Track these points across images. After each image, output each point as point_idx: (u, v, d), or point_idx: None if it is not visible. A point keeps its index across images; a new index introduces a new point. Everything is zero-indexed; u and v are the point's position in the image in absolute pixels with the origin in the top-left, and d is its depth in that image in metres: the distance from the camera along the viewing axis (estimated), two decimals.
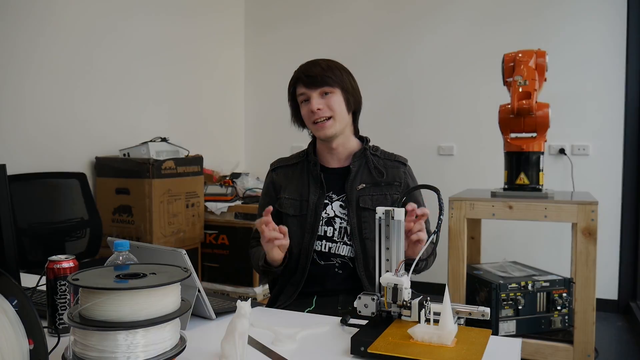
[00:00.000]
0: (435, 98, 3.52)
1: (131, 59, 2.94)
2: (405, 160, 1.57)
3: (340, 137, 1.50)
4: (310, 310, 1.42)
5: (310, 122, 1.48)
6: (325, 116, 1.45)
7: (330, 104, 1.45)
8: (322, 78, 1.44)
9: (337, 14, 3.77)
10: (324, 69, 1.45)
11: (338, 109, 1.46)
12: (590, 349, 2.12)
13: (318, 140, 1.55)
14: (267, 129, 4.00)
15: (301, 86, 1.47)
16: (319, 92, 1.45)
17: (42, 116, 2.44)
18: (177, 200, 2.72)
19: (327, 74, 1.45)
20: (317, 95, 1.45)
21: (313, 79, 1.44)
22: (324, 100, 1.45)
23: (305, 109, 1.48)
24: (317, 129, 1.47)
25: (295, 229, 1.48)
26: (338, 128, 1.47)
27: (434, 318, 0.96)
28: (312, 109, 1.44)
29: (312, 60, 1.51)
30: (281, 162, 1.61)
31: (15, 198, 2.13)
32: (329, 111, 1.45)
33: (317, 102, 1.44)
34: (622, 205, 3.13)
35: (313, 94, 1.45)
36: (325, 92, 1.46)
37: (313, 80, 1.44)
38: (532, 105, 2.15)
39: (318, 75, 1.44)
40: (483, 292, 2.34)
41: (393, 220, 1.07)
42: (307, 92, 1.46)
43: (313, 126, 1.48)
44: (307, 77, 1.45)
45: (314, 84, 1.45)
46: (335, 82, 1.46)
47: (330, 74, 1.45)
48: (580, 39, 3.17)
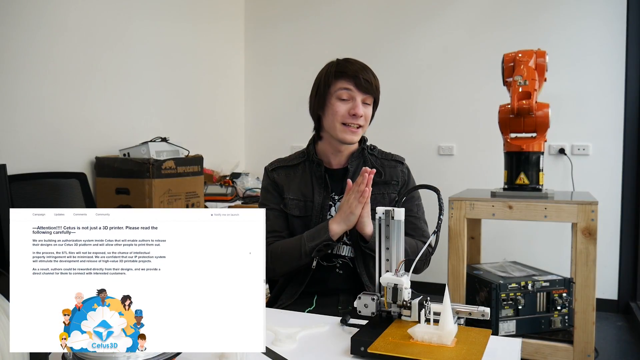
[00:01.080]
0: (435, 98, 3.52)
1: (131, 59, 2.94)
2: (403, 159, 1.58)
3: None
4: (310, 309, 1.42)
5: (341, 121, 1.46)
6: (360, 124, 1.46)
7: (367, 115, 1.48)
8: (374, 88, 1.46)
9: (337, 14, 3.77)
10: (374, 79, 1.48)
11: (368, 121, 1.50)
12: (590, 349, 2.12)
13: (324, 140, 1.53)
14: (267, 129, 4.00)
15: (349, 83, 1.44)
16: (364, 99, 1.46)
17: (42, 116, 2.44)
18: (177, 200, 2.72)
19: (377, 85, 1.48)
20: (361, 100, 1.46)
21: (369, 84, 1.45)
22: (364, 108, 1.47)
23: (344, 107, 1.45)
24: (346, 131, 1.46)
25: (300, 230, 1.48)
26: (360, 137, 1.51)
27: (434, 318, 0.96)
28: (356, 112, 1.44)
29: (356, 60, 1.50)
30: (280, 162, 1.59)
31: (15, 198, 2.13)
32: (363, 120, 1.47)
33: (362, 109, 1.45)
34: (622, 205, 3.13)
35: (359, 98, 1.45)
36: (366, 101, 1.47)
37: (368, 86, 1.45)
38: (532, 105, 2.15)
39: (373, 83, 1.46)
40: (483, 292, 2.34)
41: (393, 220, 1.07)
42: (355, 94, 1.45)
43: (341, 127, 1.46)
44: (364, 80, 1.44)
45: (367, 89, 1.45)
46: (376, 96, 1.49)
47: (377, 86, 1.48)
48: (580, 39, 3.17)
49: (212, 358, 0.91)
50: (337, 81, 1.45)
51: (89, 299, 0.75)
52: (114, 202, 2.61)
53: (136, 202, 2.57)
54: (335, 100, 1.46)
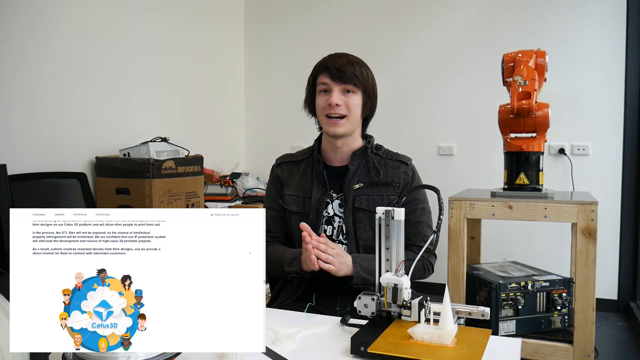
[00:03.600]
0: (435, 98, 3.52)
1: (131, 59, 2.94)
2: (408, 160, 1.54)
3: (348, 137, 1.49)
4: (310, 305, 1.42)
5: (324, 114, 1.45)
6: (340, 113, 1.43)
7: (349, 103, 1.43)
8: (350, 75, 1.42)
9: (337, 14, 3.77)
10: (354, 66, 1.43)
11: (354, 110, 1.45)
12: (590, 349, 2.12)
13: (324, 136, 1.54)
14: (267, 129, 4.00)
15: (325, 76, 1.44)
16: (342, 88, 1.43)
17: (42, 116, 2.44)
18: (177, 200, 2.72)
19: (356, 73, 1.42)
20: (339, 90, 1.43)
21: (341, 73, 1.41)
22: (345, 97, 1.43)
23: (323, 100, 1.45)
24: (329, 124, 1.45)
25: (297, 225, 1.49)
26: (348, 128, 1.46)
27: (434, 318, 0.96)
28: (331, 102, 1.42)
29: (343, 53, 1.48)
30: (287, 157, 1.61)
31: (15, 198, 2.13)
32: (345, 109, 1.43)
33: (338, 98, 1.42)
34: (622, 205, 3.13)
35: (336, 88, 1.43)
36: (348, 90, 1.44)
37: (341, 74, 1.41)
38: (532, 105, 2.15)
39: (348, 71, 1.41)
40: (483, 292, 2.34)
41: (393, 220, 1.07)
42: (330, 84, 1.43)
43: (325, 119, 1.46)
44: (335, 69, 1.41)
45: (340, 78, 1.42)
46: (360, 83, 1.44)
47: (359, 74, 1.43)
48: (580, 39, 3.17)
49: (212, 358, 0.91)
50: (318, 76, 1.47)
51: (89, 279, 0.75)
52: (114, 202, 2.61)
53: (136, 202, 2.57)
54: (318, 95, 1.47)
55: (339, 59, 1.44)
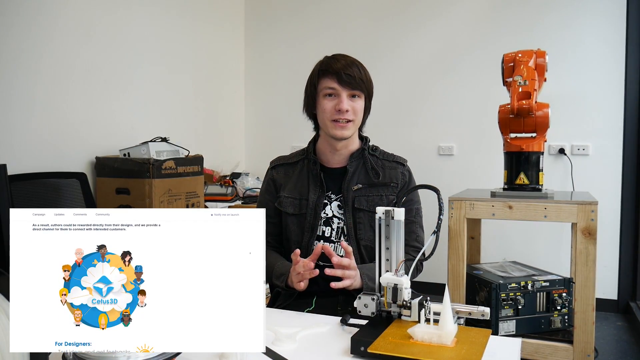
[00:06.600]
0: (435, 98, 3.52)
1: (131, 59, 2.94)
2: (404, 161, 1.57)
3: (348, 139, 1.50)
4: (310, 310, 1.42)
5: (330, 119, 1.46)
6: (348, 118, 1.46)
7: (356, 108, 1.46)
8: (359, 82, 1.45)
9: (338, 14, 3.77)
10: (360, 72, 1.46)
11: (359, 115, 1.48)
12: (590, 349, 2.12)
13: (322, 138, 1.55)
14: (267, 129, 4.00)
15: (332, 80, 1.45)
16: (350, 93, 1.45)
17: (42, 116, 2.44)
18: (177, 200, 2.72)
19: (362, 77, 1.46)
20: (347, 95, 1.45)
21: (351, 79, 1.43)
22: (352, 102, 1.46)
23: (330, 104, 1.46)
24: (337, 127, 1.46)
25: (294, 227, 1.49)
26: (353, 132, 1.49)
27: (434, 318, 0.96)
28: (341, 108, 1.44)
29: (341, 54, 1.50)
30: (281, 160, 1.61)
31: (15, 198, 2.13)
32: (352, 114, 1.46)
33: (347, 103, 1.45)
34: (622, 205, 3.13)
35: (344, 93, 1.45)
36: (354, 95, 1.46)
37: (351, 80, 1.43)
38: (532, 105, 2.15)
39: (357, 77, 1.44)
40: (483, 292, 2.34)
41: (393, 220, 1.07)
42: (339, 89, 1.45)
43: (331, 123, 1.46)
44: (346, 75, 1.43)
45: (349, 84, 1.44)
46: (366, 88, 1.47)
47: (364, 78, 1.46)
48: (580, 39, 3.17)
49: (212, 358, 0.91)
50: (322, 79, 1.47)
51: (89, 255, 0.75)
52: (114, 202, 2.61)
53: (136, 202, 2.57)
54: (322, 99, 1.47)
55: (345, 64, 1.45)
